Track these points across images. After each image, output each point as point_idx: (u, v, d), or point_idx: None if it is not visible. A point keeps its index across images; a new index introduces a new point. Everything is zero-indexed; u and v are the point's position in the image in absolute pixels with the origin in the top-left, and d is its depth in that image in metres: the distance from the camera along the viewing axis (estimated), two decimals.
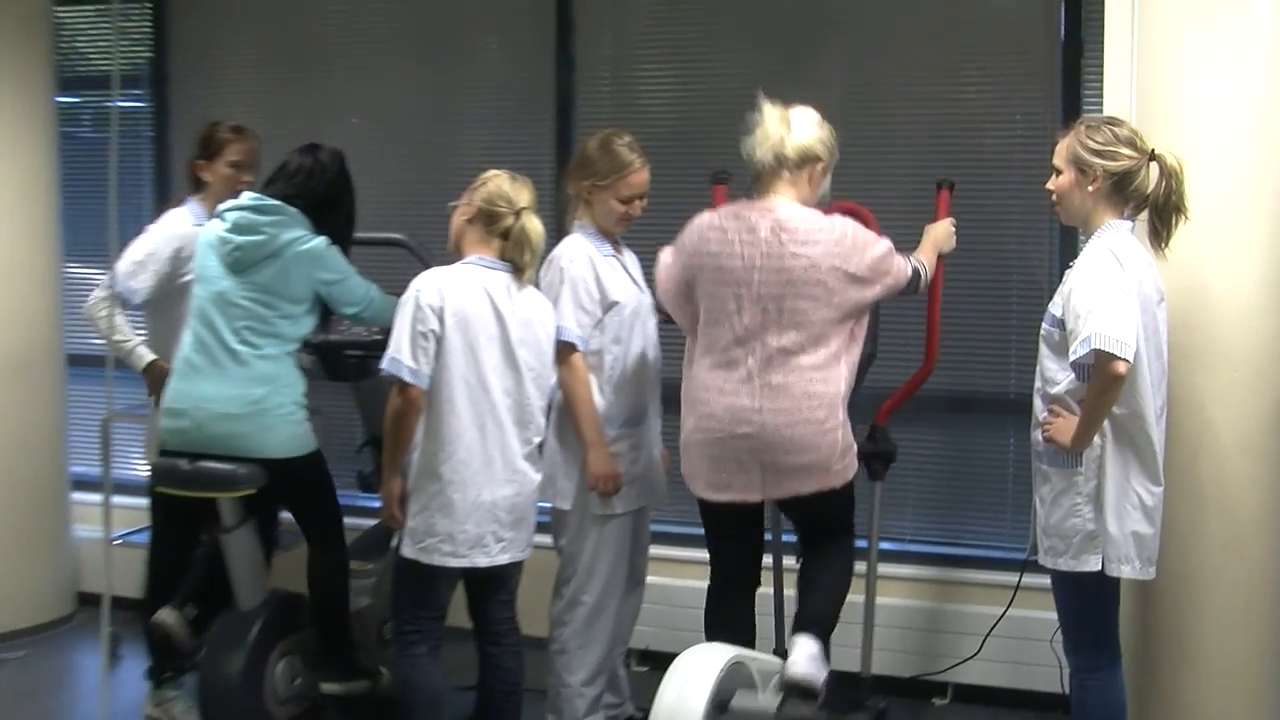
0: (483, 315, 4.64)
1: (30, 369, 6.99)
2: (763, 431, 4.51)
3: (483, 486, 4.66)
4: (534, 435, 4.81)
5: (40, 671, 6.65)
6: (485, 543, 4.71)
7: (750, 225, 4.56)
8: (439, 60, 6.92)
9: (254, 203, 5.12)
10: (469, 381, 4.62)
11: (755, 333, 4.53)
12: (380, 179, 6.94)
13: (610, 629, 5.22)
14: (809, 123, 4.65)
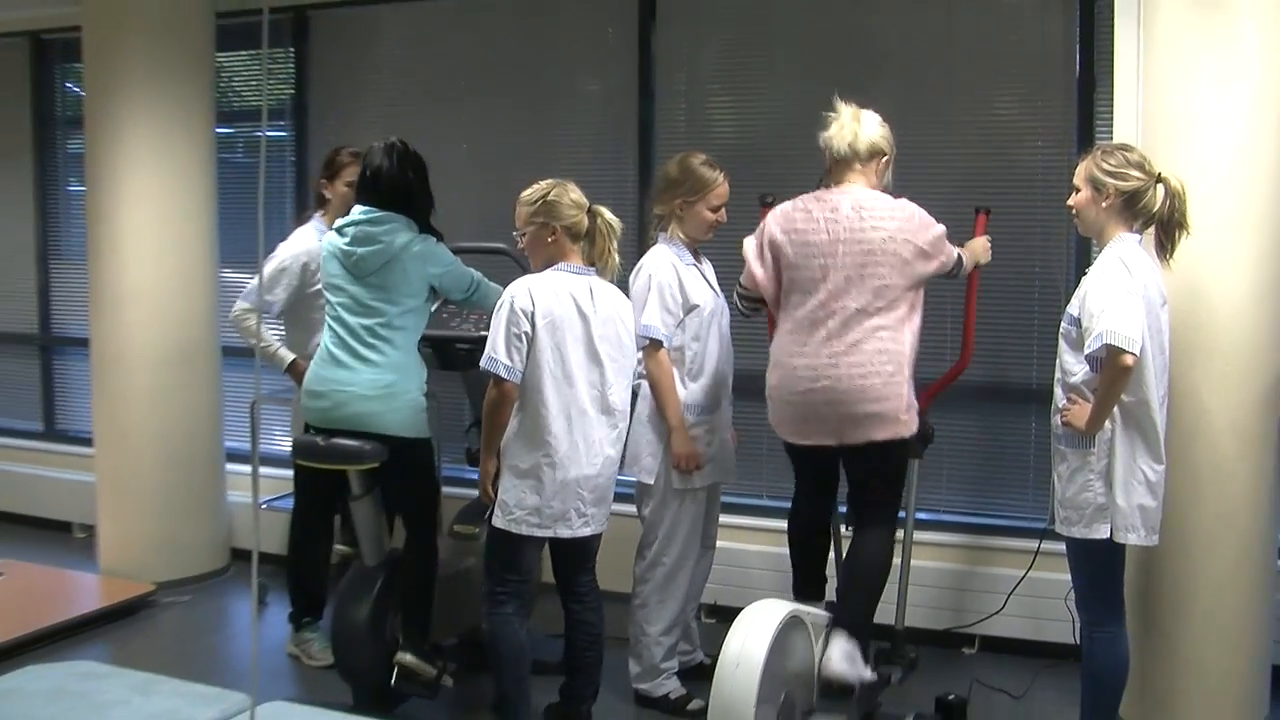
0: (569, 317, 4.63)
1: (192, 359, 7.07)
2: (838, 383, 4.57)
3: (569, 467, 4.64)
4: (618, 421, 4.77)
5: (200, 614, 6.73)
6: (568, 517, 4.69)
7: (833, 205, 4.65)
8: (536, 94, 6.94)
9: (366, 216, 5.12)
10: (556, 376, 4.61)
11: (837, 296, 4.60)
12: (485, 197, 7.00)
13: (685, 587, 5.26)
14: (874, 122, 4.76)
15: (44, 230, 8.54)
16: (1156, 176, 4.32)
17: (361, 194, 5.20)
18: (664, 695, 5.26)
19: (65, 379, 8.63)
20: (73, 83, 8.38)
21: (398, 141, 5.19)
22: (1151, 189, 4.31)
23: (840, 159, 4.71)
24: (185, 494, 7.11)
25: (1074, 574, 4.51)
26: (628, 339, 4.79)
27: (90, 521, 7.62)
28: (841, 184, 4.71)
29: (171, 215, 6.95)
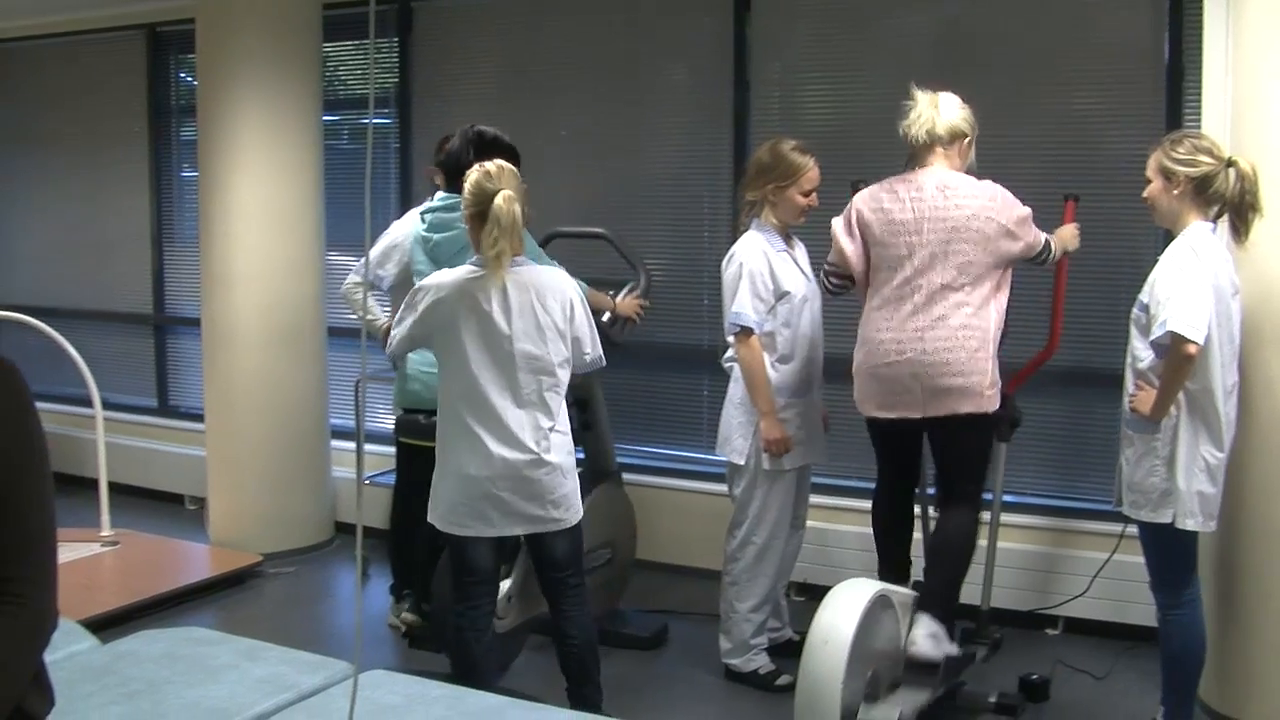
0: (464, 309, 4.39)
1: (299, 338, 7.17)
2: (923, 356, 4.57)
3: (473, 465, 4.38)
4: (541, 420, 4.39)
5: (306, 584, 6.83)
6: (486, 516, 4.41)
7: (918, 185, 4.66)
8: (633, 82, 6.95)
9: (445, 203, 5.13)
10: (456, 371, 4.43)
11: (923, 272, 4.60)
12: (584, 182, 7.03)
13: (775, 565, 5.25)
14: (954, 104, 4.74)
15: (158, 214, 8.67)
16: (1227, 160, 4.26)
17: (447, 180, 5.23)
18: (753, 670, 5.26)
19: (178, 357, 8.78)
20: (186, 73, 8.50)
21: (470, 127, 5.22)
22: (1222, 173, 4.24)
23: (921, 145, 4.70)
24: (292, 469, 7.21)
25: (1146, 557, 4.48)
26: (552, 333, 4.40)
27: (201, 494, 7.74)
28: (925, 166, 4.70)
29: (280, 200, 7.04)
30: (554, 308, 4.40)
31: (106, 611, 5.84)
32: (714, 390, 6.28)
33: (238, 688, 3.49)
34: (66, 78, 9.08)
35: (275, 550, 7.04)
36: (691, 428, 6.83)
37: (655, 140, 6.93)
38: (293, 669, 3.64)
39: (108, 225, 8.95)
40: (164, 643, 3.87)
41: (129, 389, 8.85)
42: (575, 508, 4.51)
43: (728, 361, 5.25)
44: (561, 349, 4.42)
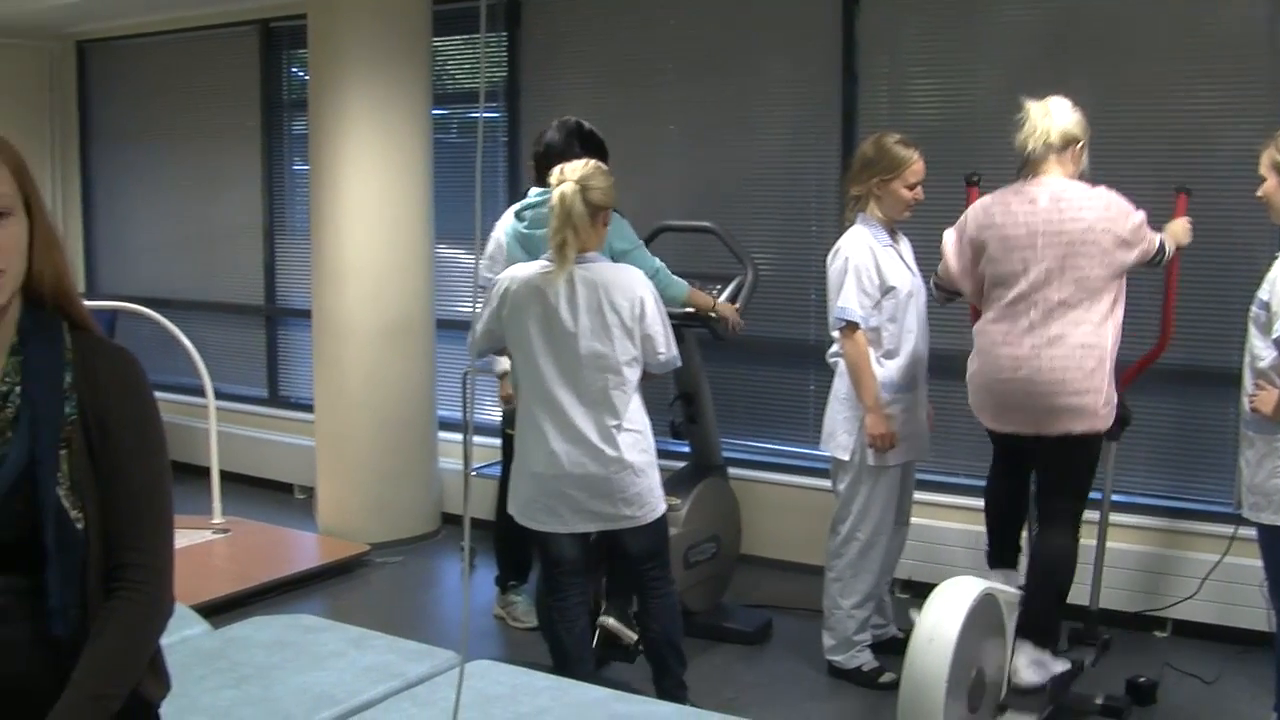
0: (531, 306, 4.47)
1: (408, 331, 7.22)
2: (1038, 374, 4.50)
3: (546, 463, 4.45)
4: (606, 419, 4.41)
5: (412, 574, 6.89)
6: (558, 512, 4.50)
7: (1031, 198, 4.57)
8: (741, 76, 6.92)
9: (541, 198, 5.15)
10: (524, 367, 4.52)
11: (1039, 288, 4.52)
12: (692, 176, 7.02)
13: (879, 562, 5.22)
14: (1065, 109, 4.64)
15: (270, 207, 8.80)
16: None
17: (537, 174, 5.24)
18: (856, 667, 5.24)
19: (288, 348, 8.90)
20: (298, 68, 8.60)
21: (571, 119, 5.23)
22: None
23: (1035, 155, 4.63)
24: (399, 460, 7.27)
25: (1264, 561, 4.39)
26: (618, 330, 4.43)
27: (310, 484, 7.86)
28: (1039, 176, 4.62)
29: (390, 193, 7.10)
30: (622, 305, 4.42)
31: (218, 597, 5.94)
32: (820, 385, 6.25)
33: (345, 675, 3.54)
34: (182, 74, 9.24)
35: (382, 540, 7.11)
36: (797, 423, 6.81)
37: (763, 134, 6.90)
38: (399, 658, 3.69)
39: (221, 218, 9.09)
40: (274, 629, 3.93)
41: (241, 379, 8.99)
42: (650, 504, 4.54)
43: (833, 357, 5.22)
44: (629, 347, 4.44)
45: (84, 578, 2.17)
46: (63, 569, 2.13)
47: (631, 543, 4.61)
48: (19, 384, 2.15)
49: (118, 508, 2.20)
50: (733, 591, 5.99)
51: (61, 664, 2.14)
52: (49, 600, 2.12)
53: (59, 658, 2.14)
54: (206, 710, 3.30)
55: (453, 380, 7.65)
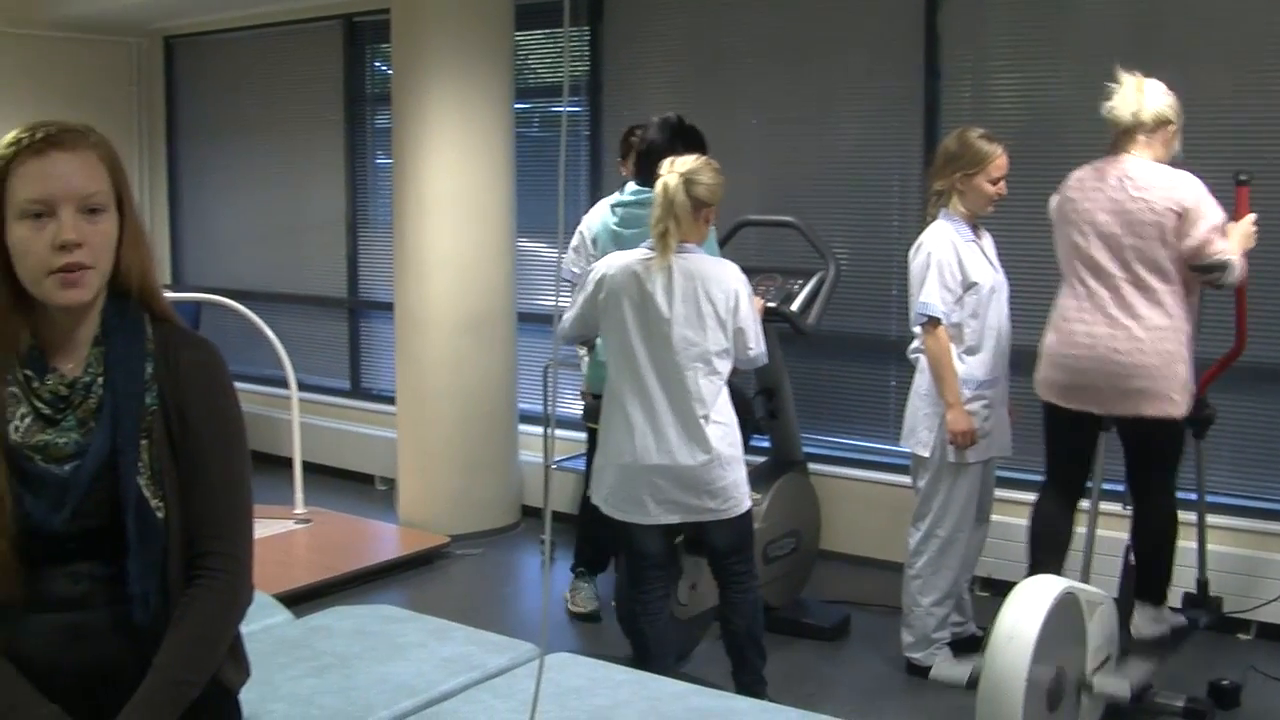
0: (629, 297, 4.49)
1: (489, 323, 7.26)
2: (1114, 354, 4.50)
3: (635, 453, 4.48)
4: (696, 409, 4.43)
5: (492, 566, 6.93)
6: (642, 503, 4.51)
7: (1102, 174, 4.58)
8: (823, 69, 6.90)
9: (636, 197, 5.17)
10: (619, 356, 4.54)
11: (1108, 266, 4.53)
12: (773, 171, 7.01)
13: (958, 559, 5.20)
14: (1159, 90, 4.61)
15: (353, 201, 8.88)
16: None
17: (637, 171, 5.26)
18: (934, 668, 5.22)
19: (371, 341, 8.98)
20: (381, 62, 8.67)
21: (673, 116, 5.23)
22: None
23: (1124, 129, 4.60)
24: (480, 452, 7.31)
25: None
26: (712, 322, 4.45)
27: (391, 475, 7.92)
28: (1122, 153, 4.59)
29: (472, 187, 7.14)
30: (718, 297, 4.44)
31: (299, 587, 6.00)
32: (901, 381, 6.23)
33: (425, 665, 3.56)
34: (266, 68, 9.36)
35: (462, 532, 7.16)
36: (877, 418, 6.79)
37: (845, 128, 6.88)
38: (479, 649, 3.71)
39: (304, 211, 9.19)
40: (355, 619, 3.97)
41: (323, 371, 9.08)
42: (736, 498, 4.55)
43: (914, 353, 5.20)
44: (721, 339, 4.46)
45: (165, 566, 2.21)
46: (143, 557, 2.17)
47: (717, 536, 4.63)
48: (101, 375, 2.19)
49: (198, 497, 2.25)
50: (811, 587, 5.98)
51: (143, 650, 2.19)
52: (130, 587, 2.17)
53: (140, 644, 2.19)
54: (287, 698, 3.33)
55: (533, 373, 7.68)
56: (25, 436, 2.17)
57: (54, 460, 2.16)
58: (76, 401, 2.19)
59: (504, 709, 3.27)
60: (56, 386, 2.19)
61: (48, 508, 2.14)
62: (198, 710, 2.23)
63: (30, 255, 2.11)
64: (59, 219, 2.11)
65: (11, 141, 2.14)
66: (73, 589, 2.17)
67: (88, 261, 2.12)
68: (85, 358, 2.21)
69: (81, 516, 2.15)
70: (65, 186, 2.11)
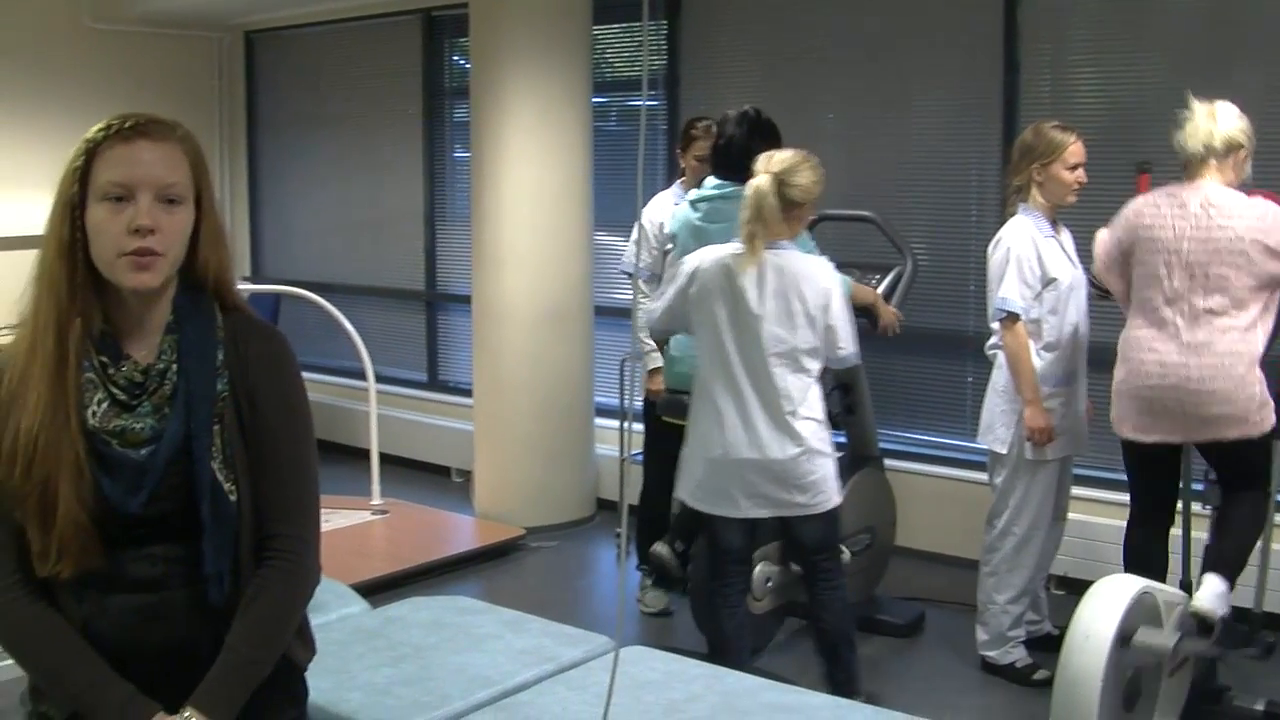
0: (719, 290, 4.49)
1: (566, 317, 7.29)
2: (1187, 383, 4.44)
3: (725, 446, 4.48)
4: (785, 403, 4.43)
5: (567, 559, 6.97)
6: (731, 497, 4.53)
7: (1182, 202, 4.50)
8: (901, 64, 6.87)
9: (718, 191, 5.17)
10: (711, 347, 4.53)
11: (1183, 295, 4.46)
12: (850, 166, 6.99)
13: (1035, 557, 5.17)
14: (1232, 115, 4.54)
15: (431, 194, 8.94)
16: None
17: (715, 164, 5.27)
18: (1010, 664, 5.19)
19: (448, 333, 9.04)
20: (460, 56, 8.72)
21: (750, 110, 5.23)
22: None
23: (1195, 158, 4.54)
24: (556, 445, 7.35)
25: None
26: (802, 319, 4.45)
27: (467, 467, 7.97)
28: (1196, 180, 4.53)
29: (550, 181, 7.17)
30: (809, 295, 4.44)
31: (376, 577, 6.06)
32: (978, 377, 6.20)
33: (500, 657, 3.59)
34: (346, 62, 9.44)
35: (538, 524, 7.20)
36: (954, 414, 6.76)
37: (923, 123, 6.85)
38: (554, 641, 3.73)
39: (383, 204, 9.27)
40: (431, 610, 4.00)
41: (401, 363, 9.15)
42: (825, 493, 4.55)
43: (991, 349, 5.17)
44: (810, 337, 4.46)
45: (236, 547, 2.27)
46: (217, 538, 2.23)
47: (805, 531, 4.64)
48: (175, 362, 2.25)
49: (267, 481, 2.30)
50: (886, 583, 5.96)
51: (216, 629, 2.25)
52: (204, 568, 2.23)
53: (213, 623, 2.25)
54: (364, 687, 3.37)
55: (610, 367, 7.70)
56: (102, 421, 2.22)
57: (130, 445, 2.22)
58: (151, 388, 2.24)
59: (578, 701, 3.29)
60: (131, 373, 2.24)
61: (125, 491, 2.19)
62: (268, 686, 2.30)
63: (105, 236, 2.17)
64: (137, 204, 2.16)
65: (103, 126, 2.21)
66: (149, 571, 2.23)
67: (159, 248, 2.17)
68: (158, 345, 2.26)
69: (157, 500, 2.21)
70: (146, 174, 2.17)
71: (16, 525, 2.18)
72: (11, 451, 2.17)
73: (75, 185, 2.18)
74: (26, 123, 8.64)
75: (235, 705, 2.24)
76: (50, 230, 2.21)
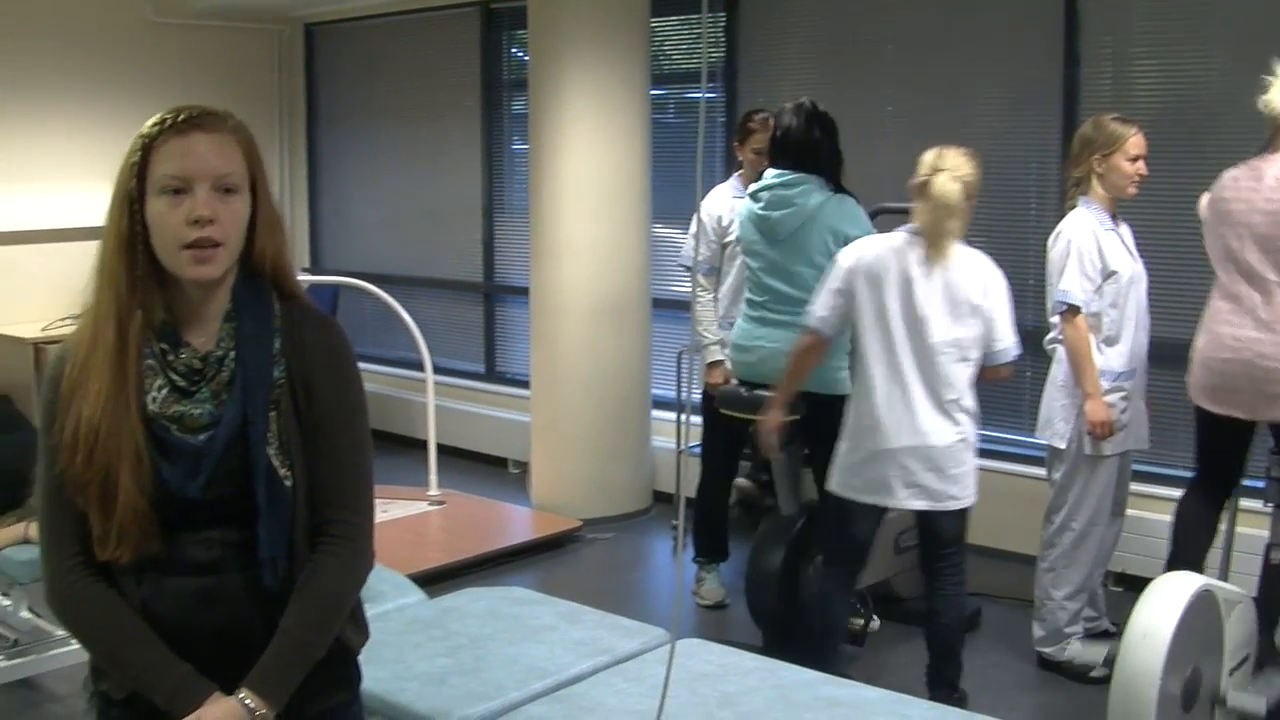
0: (891, 279, 4.51)
1: (624, 309, 7.30)
2: (1258, 359, 4.44)
3: (886, 434, 4.52)
4: (947, 391, 4.50)
5: (623, 551, 6.99)
6: (890, 486, 4.55)
7: (1258, 174, 4.49)
8: (960, 55, 6.83)
9: (779, 180, 5.20)
10: (876, 337, 4.54)
11: (1256, 268, 4.45)
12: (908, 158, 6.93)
13: (1093, 553, 5.14)
14: None
15: (490, 186, 8.97)
16: None
17: (773, 156, 5.29)
18: (1067, 660, 5.17)
19: (505, 325, 9.06)
20: (518, 48, 8.74)
21: (806, 101, 5.25)
22: None
23: (1272, 125, 4.50)
24: (612, 437, 7.36)
25: None
26: (966, 309, 4.52)
27: (524, 459, 8.01)
28: (1277, 151, 4.49)
29: (608, 173, 7.18)
30: (974, 287, 4.52)
31: (432, 567, 6.11)
32: (1036, 372, 6.16)
33: (556, 648, 3.61)
34: (404, 55, 9.48)
35: (594, 516, 7.22)
36: (1011, 409, 6.71)
37: (982, 115, 6.80)
38: (610, 633, 3.75)
39: (441, 196, 9.31)
40: (487, 601, 4.03)
41: (458, 354, 9.18)
42: (971, 489, 4.61)
43: (1051, 343, 5.14)
44: (974, 328, 4.52)
45: (291, 532, 2.29)
46: (272, 523, 2.25)
47: (946, 525, 4.68)
48: (233, 349, 2.28)
49: (322, 467, 2.32)
50: None
51: (270, 612, 2.27)
52: (260, 552, 2.25)
53: (268, 607, 2.27)
54: (420, 677, 3.40)
55: (667, 359, 7.71)
56: (162, 407, 2.25)
57: (189, 430, 2.25)
58: (209, 375, 2.27)
59: (634, 693, 3.31)
60: (190, 360, 2.27)
61: (183, 475, 2.22)
62: (322, 669, 2.32)
63: (166, 229, 2.20)
64: (194, 195, 2.19)
65: (157, 121, 2.24)
66: (206, 554, 2.26)
67: (218, 238, 2.20)
68: (216, 332, 2.29)
69: (214, 484, 2.23)
70: (202, 165, 2.20)
71: (78, 511, 2.22)
72: (73, 440, 2.20)
73: (133, 180, 2.21)
74: (91, 115, 8.73)
75: (289, 688, 2.27)
76: (109, 224, 2.25)
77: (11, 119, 8.53)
